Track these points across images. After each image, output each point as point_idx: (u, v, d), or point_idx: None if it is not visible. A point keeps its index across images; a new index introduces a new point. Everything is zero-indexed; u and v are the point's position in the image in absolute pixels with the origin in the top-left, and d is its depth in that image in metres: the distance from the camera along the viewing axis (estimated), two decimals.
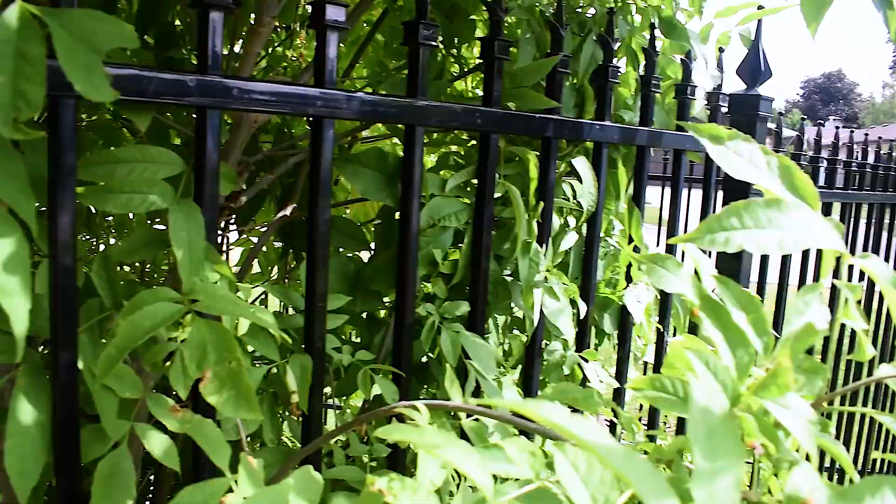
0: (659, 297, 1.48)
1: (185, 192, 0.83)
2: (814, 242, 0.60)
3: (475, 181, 1.10)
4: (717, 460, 0.40)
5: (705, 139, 0.66)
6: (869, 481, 0.49)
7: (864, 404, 3.10)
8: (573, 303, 1.23)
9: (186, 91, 0.78)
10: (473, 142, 1.35)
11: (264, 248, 1.88)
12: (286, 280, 1.81)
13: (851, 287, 0.58)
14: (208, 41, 0.80)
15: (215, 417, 0.82)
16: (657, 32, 1.42)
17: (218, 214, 0.88)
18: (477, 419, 0.88)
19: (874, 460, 3.42)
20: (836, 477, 3.02)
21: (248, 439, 0.91)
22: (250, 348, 0.91)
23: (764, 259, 1.95)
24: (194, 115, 0.82)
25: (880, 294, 2.66)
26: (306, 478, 0.65)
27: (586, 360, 1.29)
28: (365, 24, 1.65)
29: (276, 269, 1.89)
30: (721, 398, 0.42)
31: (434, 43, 0.97)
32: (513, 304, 1.23)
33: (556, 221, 1.25)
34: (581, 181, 1.25)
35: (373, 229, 1.35)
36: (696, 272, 0.69)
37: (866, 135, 2.73)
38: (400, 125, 1.01)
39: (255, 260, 1.64)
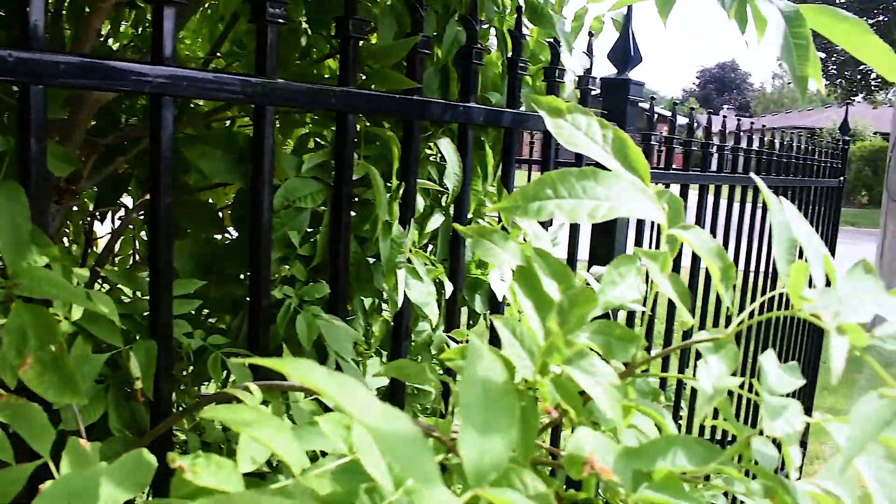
0: None
1: (10, 172, 0.79)
2: (630, 212, 0.62)
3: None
4: (489, 428, 0.41)
5: (544, 111, 0.67)
6: (662, 440, 0.51)
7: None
8: (440, 284, 1.24)
9: (5, 66, 0.74)
10: None
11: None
12: None
13: (654, 254, 0.60)
14: (29, 14, 0.76)
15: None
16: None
17: (57, 196, 0.85)
18: (316, 399, 0.87)
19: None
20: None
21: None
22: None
23: (639, 238, 2.01)
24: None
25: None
26: (136, 461, 0.63)
27: (456, 340, 1.30)
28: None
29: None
30: (497, 371, 0.43)
31: (282, 21, 0.95)
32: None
33: (422, 203, 1.25)
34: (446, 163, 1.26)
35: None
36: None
37: (752, 123, 2.86)
38: (251, 105, 0.99)
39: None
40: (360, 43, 1.07)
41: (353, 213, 1.13)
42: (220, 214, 1.34)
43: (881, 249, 7.88)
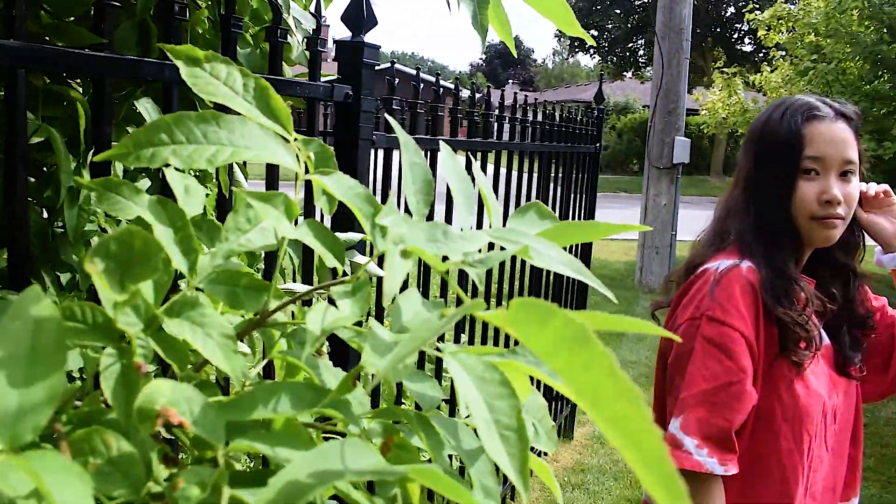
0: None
1: None
2: (259, 157, 0.59)
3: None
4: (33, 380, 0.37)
5: (180, 61, 0.62)
6: (266, 387, 0.49)
7: None
8: None
9: None
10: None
11: None
12: None
13: (269, 196, 0.57)
14: None
15: None
16: None
17: None
18: None
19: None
20: None
21: None
22: None
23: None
24: None
25: None
26: None
27: None
28: None
29: None
30: (49, 314, 0.39)
31: None
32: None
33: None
34: None
35: None
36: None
37: (535, 98, 2.97)
38: None
39: None
40: None
41: (34, 179, 1.03)
42: None
43: (644, 211, 8.56)
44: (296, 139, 0.63)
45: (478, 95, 2.74)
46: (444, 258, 0.52)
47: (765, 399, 1.36)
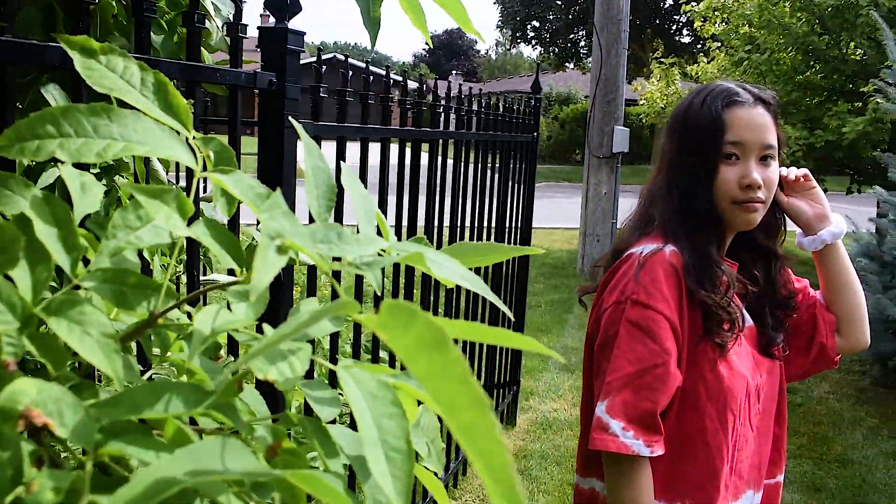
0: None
1: None
2: (152, 153, 0.57)
3: None
4: None
5: (75, 53, 0.60)
6: (146, 388, 0.47)
7: None
8: None
9: None
10: None
11: None
12: None
13: (159, 191, 0.55)
14: None
15: None
16: None
17: None
18: None
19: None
20: None
21: None
22: None
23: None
24: None
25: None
26: None
27: None
28: None
29: None
30: None
31: None
32: None
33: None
34: None
35: None
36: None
37: (480, 88, 2.96)
38: None
39: None
40: None
41: None
42: None
43: (585, 200, 8.65)
44: (195, 136, 0.61)
45: (412, 84, 2.72)
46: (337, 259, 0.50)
47: (689, 380, 1.38)
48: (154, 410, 0.45)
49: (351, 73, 2.11)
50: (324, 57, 1.84)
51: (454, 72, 64.40)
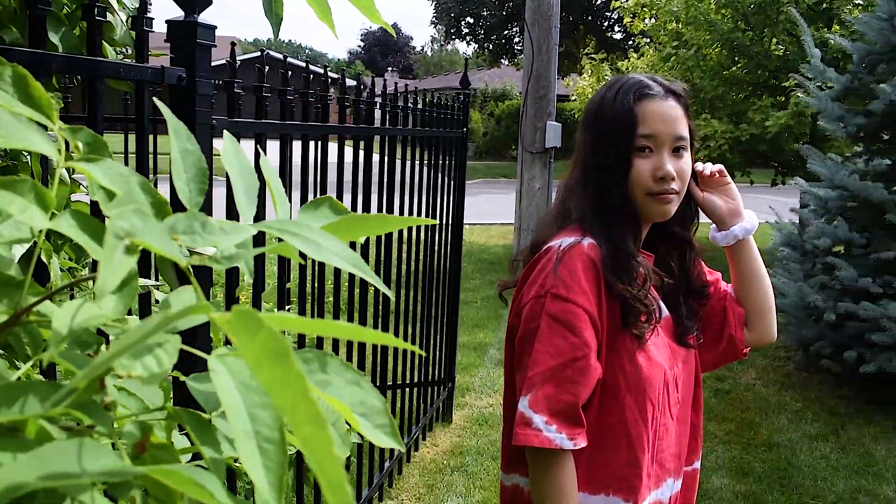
0: None
1: None
2: (8, 143, 0.54)
3: None
4: None
5: None
6: (8, 387, 0.44)
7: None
8: None
9: None
10: None
11: None
12: None
13: (11, 182, 0.52)
14: None
15: None
16: None
17: None
18: None
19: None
20: None
21: None
22: None
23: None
24: None
25: None
26: None
27: None
28: None
29: None
30: None
31: None
32: None
33: None
34: None
35: None
36: None
37: (416, 86, 2.94)
38: None
39: None
40: None
41: None
42: None
43: (519, 195, 8.71)
44: (61, 127, 0.59)
45: (333, 76, 2.69)
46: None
47: (609, 372, 1.39)
48: (10, 412, 0.42)
49: (268, 68, 2.07)
50: (251, 55, 1.81)
51: (390, 69, 64.21)
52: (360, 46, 79.22)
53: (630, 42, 23.70)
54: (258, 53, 2.11)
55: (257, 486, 0.42)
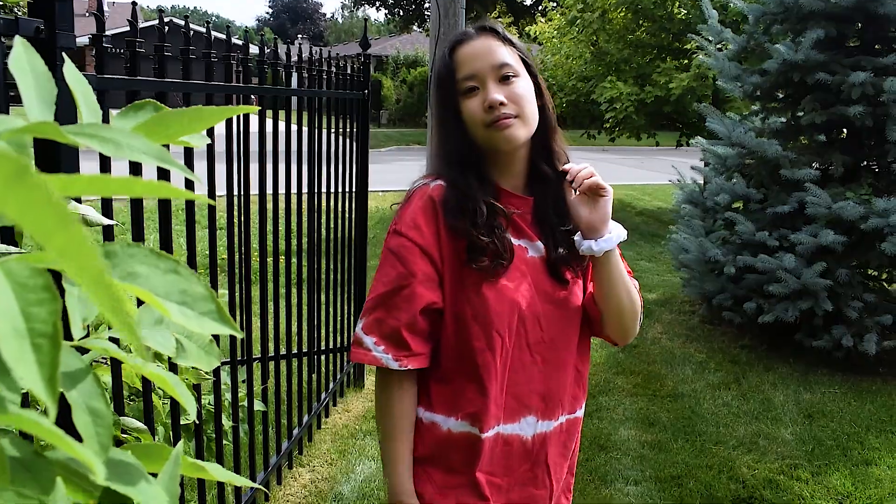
0: None
1: None
2: None
3: None
4: None
5: None
6: None
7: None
8: None
9: None
10: None
11: None
12: None
13: None
14: None
15: None
16: None
17: None
18: None
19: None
20: None
21: None
22: None
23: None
24: None
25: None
26: None
27: None
28: None
29: None
30: None
31: None
32: None
33: None
34: None
35: None
36: None
37: (329, 51, 2.82)
38: None
39: None
40: None
41: None
42: None
43: (428, 160, 8.68)
44: None
45: (218, 36, 2.58)
46: None
47: (458, 303, 1.48)
48: None
49: (132, 21, 1.96)
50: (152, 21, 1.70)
51: (300, 35, 62.86)
52: (268, 13, 77.27)
53: (539, 6, 23.79)
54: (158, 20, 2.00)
55: (30, 385, 0.38)
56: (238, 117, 2.73)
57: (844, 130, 5.40)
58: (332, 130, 3.72)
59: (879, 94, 4.74)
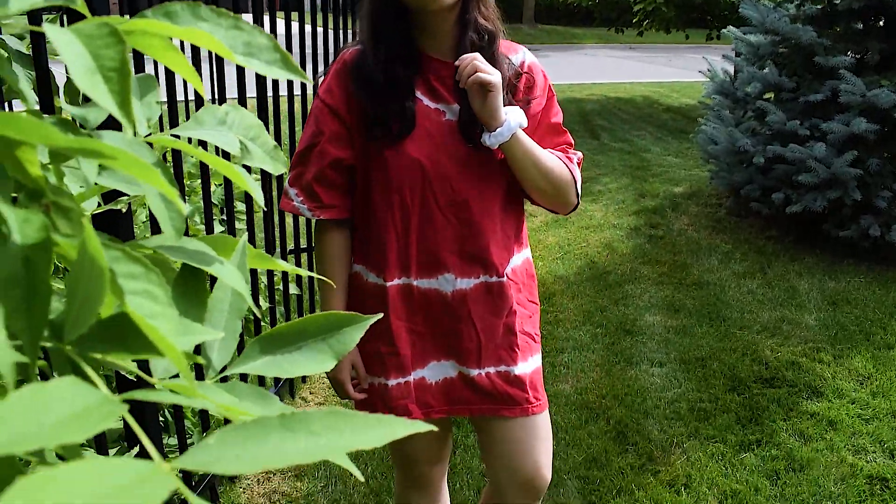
0: None
1: None
2: None
3: None
4: None
5: None
6: None
7: None
8: None
9: None
10: None
11: None
12: None
13: None
14: None
15: None
16: None
17: None
18: None
19: None
20: None
21: None
22: None
23: None
24: None
25: None
26: None
27: None
28: None
29: None
30: None
31: None
32: None
33: None
34: None
35: None
36: None
37: None
38: None
39: None
40: None
41: None
42: None
43: None
44: None
45: None
46: None
47: (365, 159, 1.59)
48: None
49: None
50: None
51: None
52: None
53: None
54: None
55: (107, 107, 0.42)
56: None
57: (882, 17, 5.23)
58: None
59: None
